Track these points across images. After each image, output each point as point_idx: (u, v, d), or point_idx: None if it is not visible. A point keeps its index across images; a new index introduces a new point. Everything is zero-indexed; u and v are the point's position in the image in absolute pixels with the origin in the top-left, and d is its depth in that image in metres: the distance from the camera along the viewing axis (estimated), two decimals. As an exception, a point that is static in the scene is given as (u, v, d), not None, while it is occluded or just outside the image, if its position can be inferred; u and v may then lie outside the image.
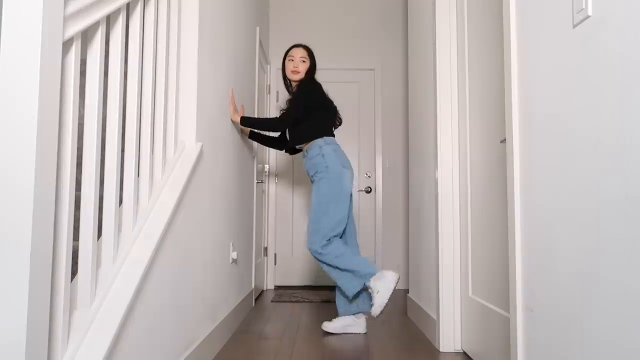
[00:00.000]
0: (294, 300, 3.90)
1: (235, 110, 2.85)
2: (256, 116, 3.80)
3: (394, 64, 4.77)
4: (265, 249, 4.52)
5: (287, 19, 4.78)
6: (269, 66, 4.65)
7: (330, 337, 2.72)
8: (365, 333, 2.82)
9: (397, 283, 2.65)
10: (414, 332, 2.86)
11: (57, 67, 1.06)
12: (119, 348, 1.28)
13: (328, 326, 2.82)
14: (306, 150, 2.91)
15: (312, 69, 2.97)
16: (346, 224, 2.83)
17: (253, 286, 3.66)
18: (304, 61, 2.95)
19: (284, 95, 3.12)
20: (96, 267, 1.32)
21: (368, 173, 4.70)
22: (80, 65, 1.22)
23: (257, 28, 3.83)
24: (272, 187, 4.66)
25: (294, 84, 2.99)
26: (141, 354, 1.45)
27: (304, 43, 3.07)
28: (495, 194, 1.98)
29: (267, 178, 4.56)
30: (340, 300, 2.85)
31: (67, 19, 1.10)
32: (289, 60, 2.97)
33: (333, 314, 3.28)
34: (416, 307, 3.04)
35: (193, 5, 2.09)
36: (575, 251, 1.20)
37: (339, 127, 3.13)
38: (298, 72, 2.93)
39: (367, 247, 4.61)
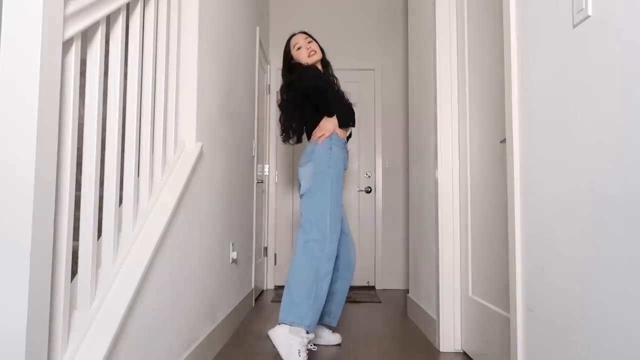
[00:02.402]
0: (294, 300, 3.89)
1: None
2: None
3: (394, 64, 4.77)
4: (265, 249, 4.51)
5: (287, 19, 4.78)
6: (269, 66, 4.64)
7: (330, 337, 2.72)
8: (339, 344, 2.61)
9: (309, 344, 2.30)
10: (414, 332, 2.86)
11: (57, 67, 1.06)
12: (119, 348, 1.28)
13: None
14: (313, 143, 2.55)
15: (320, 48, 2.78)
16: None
17: (253, 286, 3.66)
18: (310, 42, 2.74)
19: (284, 95, 3.09)
20: (96, 267, 1.32)
21: (368, 173, 4.70)
22: (80, 65, 1.22)
23: (257, 28, 3.83)
24: (272, 187, 4.65)
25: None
26: (141, 354, 1.45)
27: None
28: (495, 194, 1.98)
29: (267, 178, 4.56)
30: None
31: (67, 19, 1.10)
32: (297, 49, 2.73)
33: (333, 314, 3.27)
34: (416, 307, 3.04)
35: (193, 5, 2.09)
36: (575, 251, 1.20)
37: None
38: (315, 52, 2.71)
39: (367, 247, 4.61)
